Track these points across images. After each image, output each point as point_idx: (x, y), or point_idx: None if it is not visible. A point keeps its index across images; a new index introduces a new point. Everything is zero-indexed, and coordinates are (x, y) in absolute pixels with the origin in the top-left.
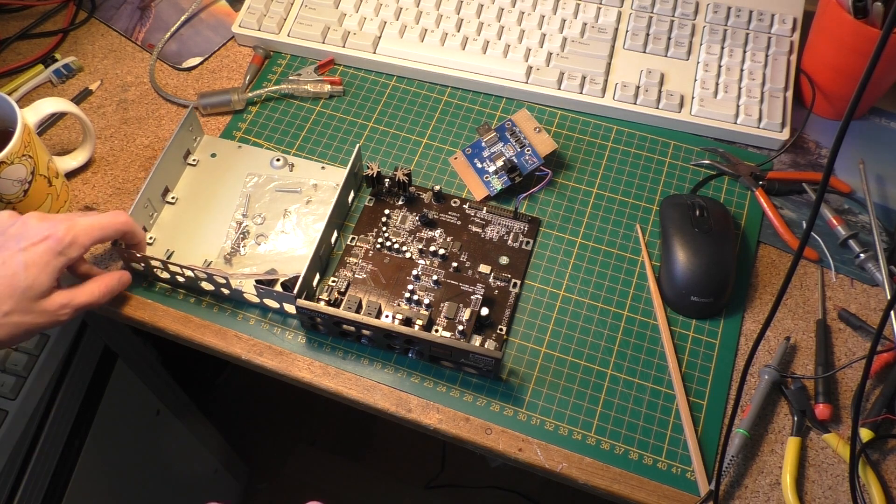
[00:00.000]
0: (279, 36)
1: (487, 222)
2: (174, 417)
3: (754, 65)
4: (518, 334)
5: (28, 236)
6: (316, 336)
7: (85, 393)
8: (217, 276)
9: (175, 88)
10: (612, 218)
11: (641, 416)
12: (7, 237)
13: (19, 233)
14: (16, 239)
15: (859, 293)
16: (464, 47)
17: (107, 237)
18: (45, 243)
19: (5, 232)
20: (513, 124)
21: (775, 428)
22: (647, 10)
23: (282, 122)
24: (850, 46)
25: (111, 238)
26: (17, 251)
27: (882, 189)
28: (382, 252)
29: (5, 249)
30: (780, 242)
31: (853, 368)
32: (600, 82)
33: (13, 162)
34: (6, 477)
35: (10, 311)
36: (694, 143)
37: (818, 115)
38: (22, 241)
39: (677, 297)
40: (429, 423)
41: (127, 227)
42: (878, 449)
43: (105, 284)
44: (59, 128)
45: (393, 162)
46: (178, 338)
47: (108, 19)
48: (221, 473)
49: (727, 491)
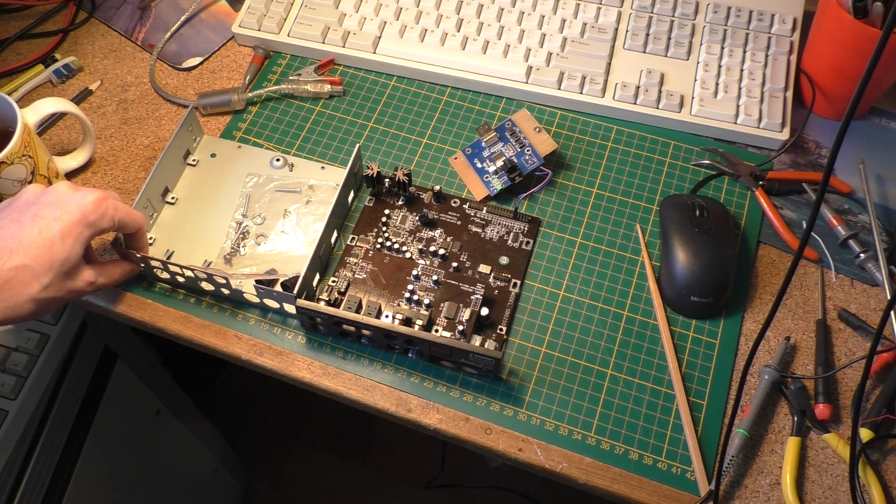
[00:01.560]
0: (279, 36)
1: (487, 222)
2: (174, 417)
3: (754, 65)
4: (518, 334)
5: (62, 205)
6: (316, 336)
7: (85, 393)
8: (217, 276)
9: (175, 88)
10: (612, 218)
11: (641, 416)
12: (40, 205)
13: (53, 201)
14: (51, 207)
15: (859, 293)
16: (464, 47)
17: (129, 223)
18: (79, 212)
19: (37, 201)
20: (513, 124)
21: (775, 428)
22: (647, 10)
23: (282, 122)
24: (850, 46)
25: (131, 228)
26: (53, 220)
27: (882, 189)
28: (382, 252)
29: (41, 219)
30: (780, 242)
31: (853, 368)
32: (600, 82)
33: (13, 162)
34: (6, 477)
35: (48, 283)
36: (694, 143)
37: (818, 115)
38: (57, 209)
39: (677, 297)
40: (429, 423)
41: (142, 225)
42: (878, 449)
43: (123, 270)
44: (59, 128)
45: (393, 162)
46: (178, 338)
47: (108, 19)
48: (221, 473)
49: (727, 491)
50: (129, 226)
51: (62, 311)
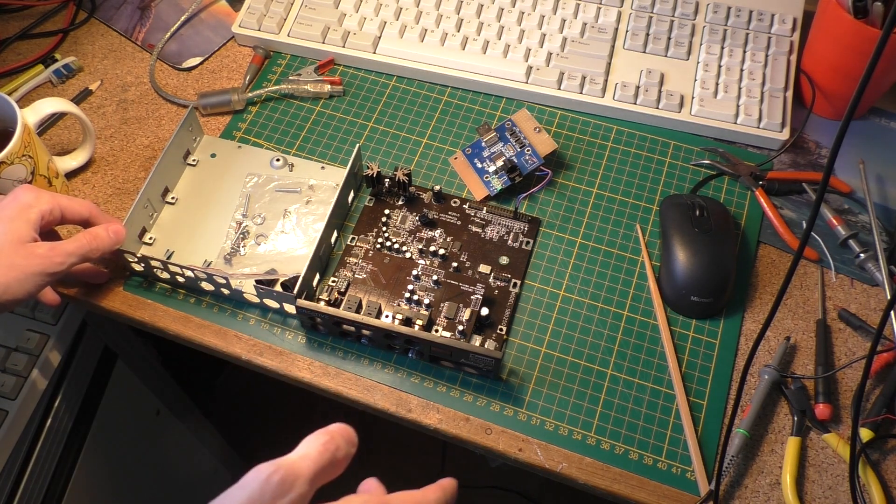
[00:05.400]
0: (279, 36)
1: (487, 222)
2: (174, 417)
3: (754, 65)
4: (518, 334)
5: (3, 204)
6: (316, 336)
7: (85, 393)
8: (217, 276)
9: (175, 88)
10: (612, 218)
11: (641, 416)
12: None
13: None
14: None
15: (859, 293)
16: (464, 47)
17: (74, 206)
18: (14, 202)
19: None
20: (513, 124)
21: (775, 428)
22: (647, 10)
23: (282, 122)
24: (850, 46)
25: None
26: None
27: (882, 189)
28: (382, 252)
29: None
30: (780, 242)
31: (853, 368)
32: (600, 82)
33: (13, 162)
34: (6, 477)
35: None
36: (694, 143)
37: (818, 115)
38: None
39: (677, 297)
40: (429, 423)
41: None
42: (878, 449)
43: (91, 234)
44: (59, 128)
45: (393, 162)
46: (178, 338)
47: (108, 19)
48: (221, 473)
49: (727, 491)
50: (75, 209)
51: (62, 310)
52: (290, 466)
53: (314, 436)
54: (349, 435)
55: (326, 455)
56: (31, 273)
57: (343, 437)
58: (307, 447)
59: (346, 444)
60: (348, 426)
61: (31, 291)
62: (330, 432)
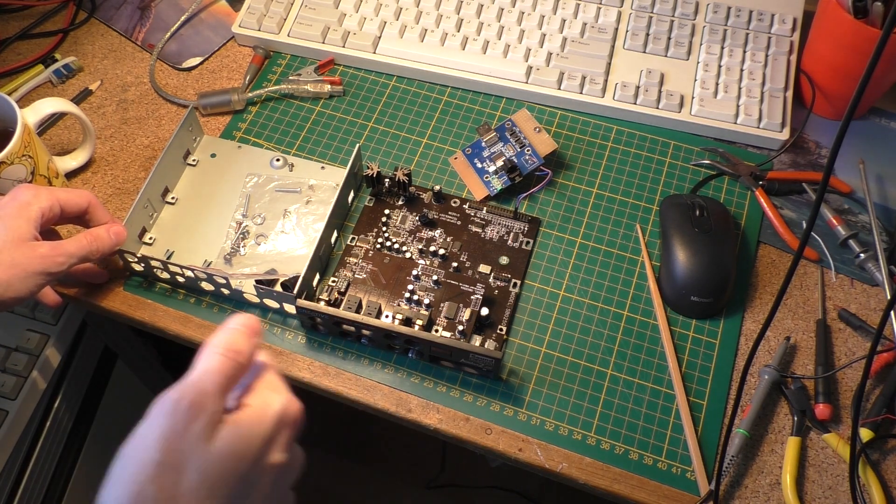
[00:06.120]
0: (279, 36)
1: (487, 222)
2: None
3: (754, 65)
4: (518, 334)
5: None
6: (316, 336)
7: (85, 393)
8: (217, 276)
9: (175, 88)
10: (612, 218)
11: (641, 416)
12: None
13: None
14: None
15: (859, 293)
16: (464, 47)
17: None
18: (14, 200)
19: None
20: (513, 124)
21: (775, 428)
22: (647, 10)
23: (282, 122)
24: (850, 46)
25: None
26: None
27: (882, 189)
28: (382, 252)
29: None
30: (780, 242)
31: (853, 368)
32: (600, 82)
33: (13, 162)
34: (6, 477)
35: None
36: (694, 143)
37: (818, 115)
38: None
39: (677, 297)
40: (429, 423)
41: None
42: (878, 449)
43: (92, 234)
44: (59, 128)
45: (393, 162)
46: (178, 338)
47: (108, 19)
48: None
49: (727, 491)
50: (75, 201)
51: (62, 310)
52: (195, 387)
53: (210, 345)
54: (249, 327)
55: (228, 363)
56: (33, 272)
57: (242, 333)
58: (207, 361)
59: (246, 342)
60: (246, 315)
61: (31, 290)
62: (226, 339)
